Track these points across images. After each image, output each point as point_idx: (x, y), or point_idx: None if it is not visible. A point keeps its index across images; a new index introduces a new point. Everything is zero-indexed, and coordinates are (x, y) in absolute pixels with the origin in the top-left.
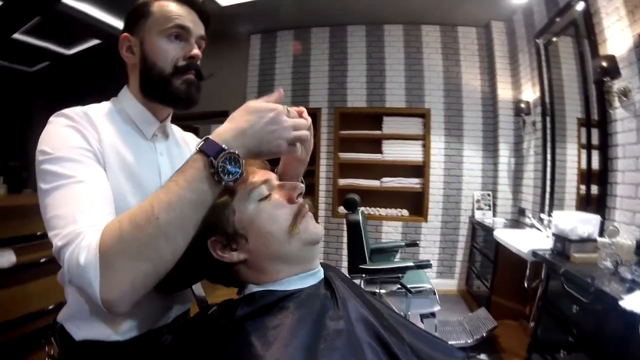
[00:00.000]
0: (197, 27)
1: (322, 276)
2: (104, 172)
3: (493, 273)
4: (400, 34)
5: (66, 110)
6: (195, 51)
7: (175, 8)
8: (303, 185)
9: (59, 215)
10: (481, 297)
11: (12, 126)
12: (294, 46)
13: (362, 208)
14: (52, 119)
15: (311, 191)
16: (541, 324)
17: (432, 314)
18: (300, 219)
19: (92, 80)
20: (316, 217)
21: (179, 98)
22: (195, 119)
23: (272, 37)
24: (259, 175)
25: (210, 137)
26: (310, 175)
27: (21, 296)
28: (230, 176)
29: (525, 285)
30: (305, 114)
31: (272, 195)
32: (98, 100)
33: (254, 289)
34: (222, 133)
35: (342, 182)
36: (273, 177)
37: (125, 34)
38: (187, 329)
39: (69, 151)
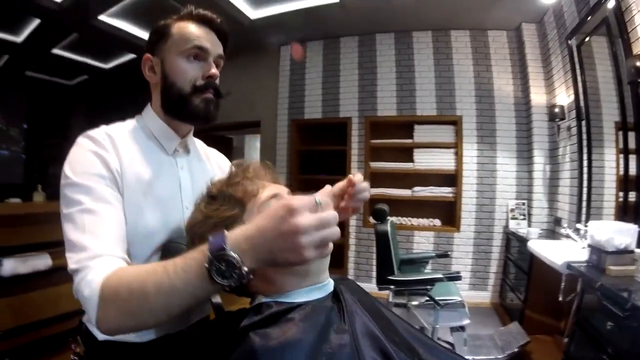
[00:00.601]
0: (215, 47)
1: (331, 289)
2: (118, 197)
3: (527, 286)
4: (429, 41)
5: (92, 132)
6: (213, 71)
7: (193, 29)
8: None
9: (72, 241)
10: (514, 311)
11: (53, 136)
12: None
13: (393, 218)
14: (78, 139)
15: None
16: (575, 340)
17: (462, 328)
18: None
19: (129, 92)
20: (346, 227)
21: (198, 115)
22: (229, 130)
23: (302, 48)
24: (269, 189)
25: (225, 232)
26: None
27: (54, 297)
28: (225, 280)
29: (560, 299)
30: (357, 182)
31: None
32: (134, 110)
33: (262, 299)
34: (237, 232)
35: (374, 191)
36: (284, 191)
37: (147, 54)
38: (200, 335)
39: (86, 178)
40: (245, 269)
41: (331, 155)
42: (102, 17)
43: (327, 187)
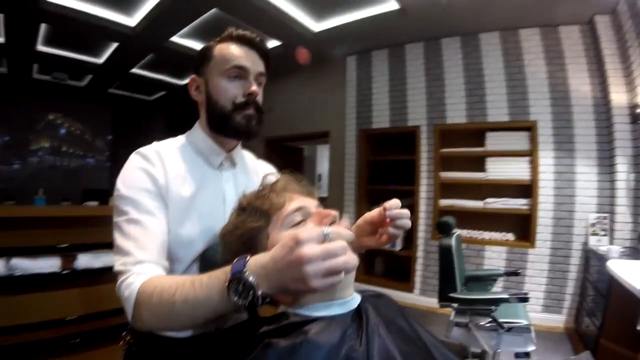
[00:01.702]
0: (255, 65)
1: (354, 306)
2: (162, 209)
3: (604, 311)
4: (497, 42)
5: (143, 149)
6: (253, 88)
7: (234, 50)
8: (336, 214)
9: (119, 246)
10: (589, 338)
11: (135, 145)
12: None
13: (464, 231)
14: (131, 156)
15: (411, 212)
16: None
17: (526, 354)
18: None
19: None
20: (414, 239)
21: (239, 131)
22: (299, 140)
23: (367, 57)
24: (296, 202)
25: (248, 257)
26: (410, 196)
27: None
28: (242, 300)
29: (638, 328)
30: (389, 208)
31: (305, 222)
32: None
33: (282, 309)
34: (258, 257)
35: (444, 202)
36: (311, 204)
37: (193, 75)
38: (231, 336)
39: (134, 192)
40: (259, 292)
41: (400, 165)
42: (174, 39)
43: (345, 220)
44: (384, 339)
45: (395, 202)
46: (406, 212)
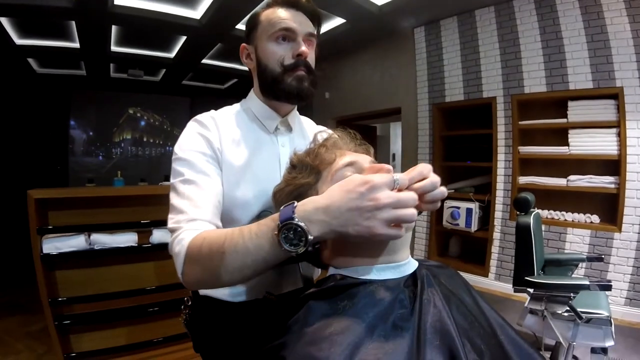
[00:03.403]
0: (303, 27)
1: (409, 271)
2: (217, 171)
3: None
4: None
5: (198, 116)
6: (303, 49)
7: (280, 13)
8: (390, 167)
9: (173, 205)
10: None
11: None
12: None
13: (544, 211)
14: (188, 123)
15: (488, 190)
16: None
17: (603, 350)
18: None
19: None
20: (491, 219)
21: (291, 93)
22: (372, 118)
23: (435, 28)
24: (347, 157)
25: (295, 202)
26: (487, 173)
27: None
28: (293, 247)
29: None
30: (429, 176)
31: None
32: None
33: (331, 271)
34: (307, 203)
35: (523, 180)
36: (364, 159)
37: (243, 44)
38: (284, 302)
39: (189, 154)
40: (311, 237)
41: (476, 140)
42: (240, 26)
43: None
44: (440, 310)
45: (415, 174)
46: (430, 182)
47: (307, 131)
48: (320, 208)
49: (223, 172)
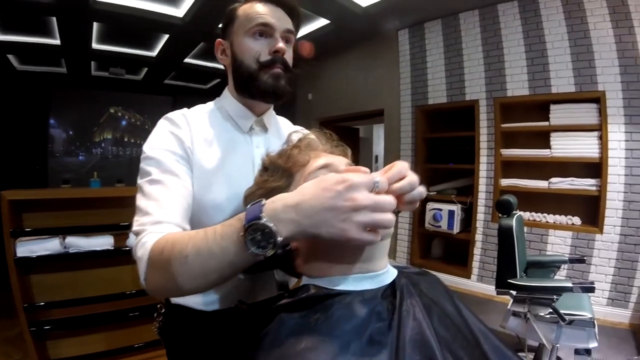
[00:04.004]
0: (281, 22)
1: (387, 281)
2: (188, 172)
3: None
4: (558, 4)
5: (170, 114)
6: (280, 45)
7: (258, 8)
8: (367, 169)
9: (139, 207)
10: None
11: None
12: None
13: (527, 213)
14: (159, 121)
15: (470, 192)
16: None
17: (587, 351)
18: None
19: None
20: (473, 221)
21: (267, 92)
22: (354, 120)
23: (420, 30)
24: (321, 160)
25: (263, 200)
26: (470, 175)
27: None
28: (260, 250)
29: None
30: (407, 174)
31: None
32: None
33: (305, 280)
34: (277, 200)
35: (505, 182)
36: (340, 161)
37: (219, 39)
38: (257, 310)
39: (158, 153)
40: (280, 239)
41: (459, 142)
42: None
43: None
44: (420, 322)
45: (394, 174)
46: (409, 182)
47: (283, 132)
48: (290, 206)
49: (194, 173)
